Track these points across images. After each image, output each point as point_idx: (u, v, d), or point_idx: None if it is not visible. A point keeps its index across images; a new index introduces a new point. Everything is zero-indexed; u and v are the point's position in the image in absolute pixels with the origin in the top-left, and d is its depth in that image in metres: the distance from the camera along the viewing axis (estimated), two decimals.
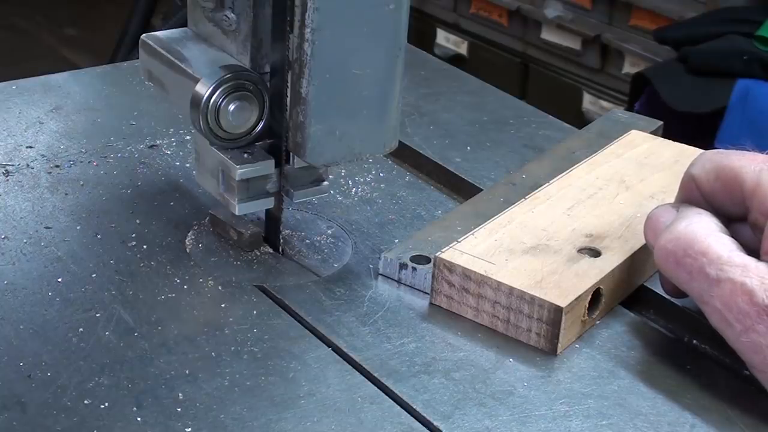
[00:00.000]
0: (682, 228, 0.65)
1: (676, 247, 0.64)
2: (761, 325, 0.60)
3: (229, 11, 0.73)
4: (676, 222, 0.66)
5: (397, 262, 0.74)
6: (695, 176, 0.69)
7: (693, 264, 0.63)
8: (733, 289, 0.61)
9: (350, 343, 0.68)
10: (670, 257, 0.65)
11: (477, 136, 0.97)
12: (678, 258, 0.64)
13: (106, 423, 0.59)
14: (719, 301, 0.62)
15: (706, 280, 0.63)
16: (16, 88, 0.99)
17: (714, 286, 0.62)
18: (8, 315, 0.68)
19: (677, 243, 0.64)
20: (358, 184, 0.87)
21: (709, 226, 0.65)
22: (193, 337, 0.67)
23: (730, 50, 1.88)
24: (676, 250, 0.64)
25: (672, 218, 0.67)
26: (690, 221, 0.65)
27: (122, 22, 2.61)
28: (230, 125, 0.72)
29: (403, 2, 0.68)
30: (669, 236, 0.65)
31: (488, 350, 0.68)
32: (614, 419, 0.63)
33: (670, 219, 0.68)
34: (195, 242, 0.77)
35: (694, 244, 0.64)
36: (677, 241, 0.64)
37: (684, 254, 0.64)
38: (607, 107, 2.43)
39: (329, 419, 0.61)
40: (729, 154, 0.69)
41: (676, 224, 0.66)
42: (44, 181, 0.84)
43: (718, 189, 0.68)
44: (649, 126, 0.96)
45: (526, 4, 2.64)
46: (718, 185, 0.68)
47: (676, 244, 0.64)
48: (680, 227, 0.65)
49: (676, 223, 0.66)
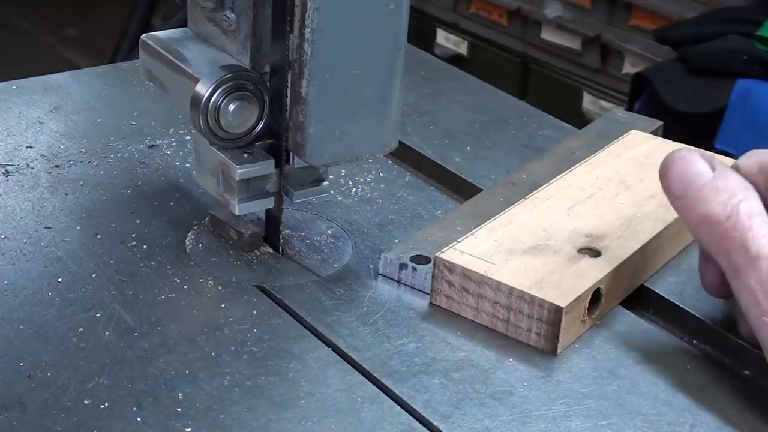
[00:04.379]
0: (735, 203, 0.63)
1: (727, 221, 0.63)
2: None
3: (229, 11, 0.73)
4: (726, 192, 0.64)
5: (397, 262, 0.74)
6: (741, 166, 0.68)
7: (738, 238, 0.62)
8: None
9: (350, 343, 0.68)
10: (716, 228, 0.63)
11: (477, 136, 0.97)
12: (726, 231, 0.63)
13: (106, 423, 0.59)
14: (754, 279, 0.62)
15: (746, 255, 0.62)
16: (16, 88, 0.99)
17: (752, 262, 0.62)
18: (8, 315, 0.68)
19: (729, 217, 0.63)
20: (358, 184, 0.87)
21: (758, 206, 0.64)
22: (193, 337, 0.67)
23: (730, 50, 1.88)
24: (726, 225, 0.63)
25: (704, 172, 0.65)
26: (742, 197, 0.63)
27: (122, 22, 2.61)
28: (230, 125, 0.72)
29: (403, 2, 0.68)
30: (721, 209, 0.63)
31: (488, 350, 0.68)
32: (614, 419, 0.63)
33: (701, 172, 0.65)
34: (195, 242, 0.77)
35: (744, 219, 0.63)
36: (729, 216, 0.63)
37: (733, 228, 0.63)
38: (607, 107, 2.44)
39: (329, 419, 0.61)
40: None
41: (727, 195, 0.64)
42: (44, 181, 0.84)
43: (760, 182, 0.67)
44: (649, 126, 0.96)
45: (526, 4, 2.65)
46: (761, 178, 0.67)
47: (728, 218, 0.63)
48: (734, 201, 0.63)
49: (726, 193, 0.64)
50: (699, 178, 0.65)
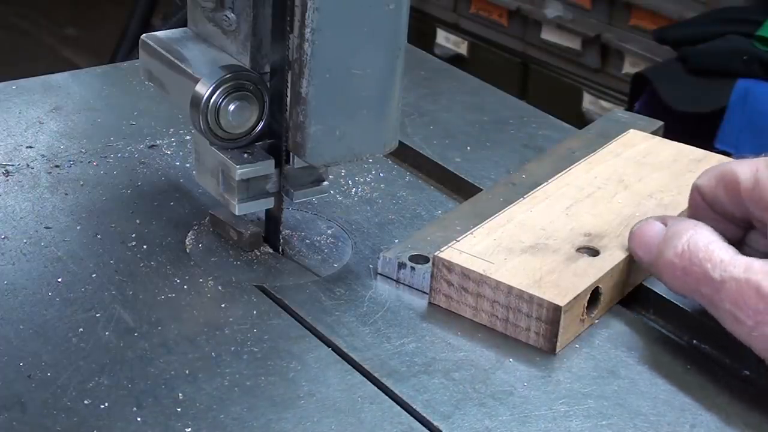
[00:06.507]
0: (684, 240, 0.66)
1: (682, 260, 0.65)
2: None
3: (229, 11, 0.73)
4: (675, 236, 0.67)
5: (396, 261, 0.74)
6: (699, 186, 0.71)
7: (699, 271, 0.64)
8: (738, 287, 0.62)
9: (350, 343, 0.68)
10: (677, 270, 0.66)
11: (477, 136, 0.97)
12: (685, 270, 0.65)
13: (106, 423, 0.59)
14: (728, 301, 0.62)
15: (711, 284, 0.63)
16: (16, 88, 0.99)
17: (720, 288, 0.63)
18: (8, 315, 0.68)
19: (682, 256, 0.65)
20: (358, 184, 0.87)
21: (709, 235, 0.66)
22: (193, 337, 0.67)
23: (730, 50, 1.88)
24: (683, 263, 0.65)
25: (659, 231, 0.69)
26: (690, 234, 0.66)
27: (122, 22, 2.61)
28: (230, 125, 0.72)
29: (403, 2, 0.68)
30: (673, 251, 0.66)
31: (488, 350, 0.68)
32: (614, 419, 0.63)
33: (657, 232, 0.69)
34: (195, 242, 0.77)
35: (698, 252, 0.65)
36: (682, 255, 0.65)
37: (690, 264, 0.65)
38: (607, 107, 2.44)
39: (329, 419, 0.61)
40: (730, 161, 0.70)
41: (676, 238, 0.66)
42: (44, 181, 0.84)
43: (720, 194, 0.69)
44: (649, 126, 0.96)
45: (526, 4, 2.65)
46: (721, 190, 0.69)
47: (682, 257, 0.65)
48: (683, 240, 0.66)
49: (675, 237, 0.67)
50: (655, 238, 0.69)
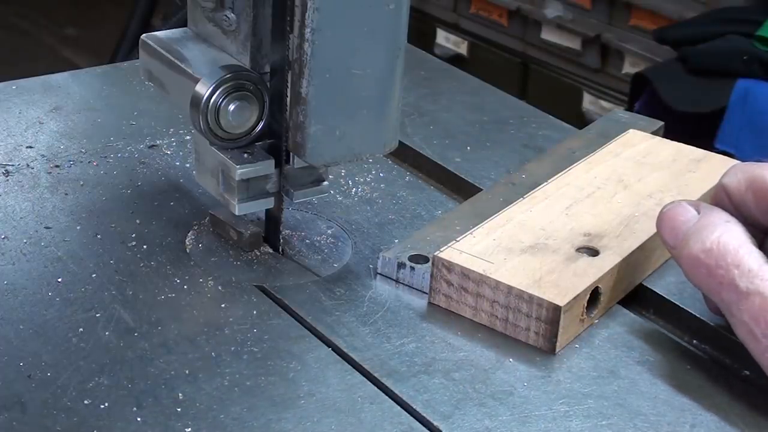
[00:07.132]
0: (714, 238, 0.64)
1: (709, 258, 0.64)
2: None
3: (229, 11, 0.73)
4: (705, 229, 0.65)
5: (395, 261, 0.74)
6: (726, 185, 0.69)
7: (725, 275, 0.63)
8: (762, 304, 0.61)
9: (350, 343, 0.68)
10: (702, 267, 0.64)
11: (477, 136, 0.97)
12: (710, 269, 0.63)
13: (106, 423, 0.59)
14: (747, 315, 0.61)
15: (735, 291, 0.62)
16: (16, 88, 0.99)
17: (743, 299, 0.62)
18: (8, 315, 0.68)
19: (710, 253, 0.64)
20: (358, 184, 0.87)
21: (741, 236, 0.64)
22: (193, 337, 0.67)
23: (730, 50, 1.88)
24: (709, 261, 0.64)
25: (691, 218, 0.67)
26: (722, 231, 0.64)
27: (122, 22, 2.61)
28: (230, 125, 0.72)
29: (403, 2, 0.68)
30: (701, 246, 0.64)
31: (488, 350, 0.68)
32: (614, 419, 0.63)
33: (689, 218, 0.67)
34: (195, 242, 0.77)
35: (726, 255, 0.63)
36: (710, 252, 0.64)
37: (716, 265, 0.63)
38: (607, 107, 2.44)
39: (329, 419, 0.61)
40: (762, 165, 0.68)
41: (706, 232, 0.65)
42: (44, 181, 0.84)
43: (749, 199, 0.67)
44: (650, 126, 0.96)
45: (526, 4, 2.65)
46: (750, 195, 0.67)
47: (709, 254, 0.64)
48: (713, 237, 0.64)
49: (706, 230, 0.65)
50: (685, 224, 0.67)
